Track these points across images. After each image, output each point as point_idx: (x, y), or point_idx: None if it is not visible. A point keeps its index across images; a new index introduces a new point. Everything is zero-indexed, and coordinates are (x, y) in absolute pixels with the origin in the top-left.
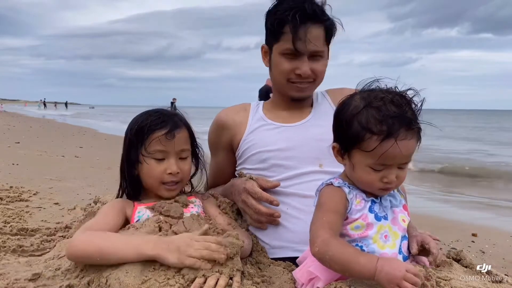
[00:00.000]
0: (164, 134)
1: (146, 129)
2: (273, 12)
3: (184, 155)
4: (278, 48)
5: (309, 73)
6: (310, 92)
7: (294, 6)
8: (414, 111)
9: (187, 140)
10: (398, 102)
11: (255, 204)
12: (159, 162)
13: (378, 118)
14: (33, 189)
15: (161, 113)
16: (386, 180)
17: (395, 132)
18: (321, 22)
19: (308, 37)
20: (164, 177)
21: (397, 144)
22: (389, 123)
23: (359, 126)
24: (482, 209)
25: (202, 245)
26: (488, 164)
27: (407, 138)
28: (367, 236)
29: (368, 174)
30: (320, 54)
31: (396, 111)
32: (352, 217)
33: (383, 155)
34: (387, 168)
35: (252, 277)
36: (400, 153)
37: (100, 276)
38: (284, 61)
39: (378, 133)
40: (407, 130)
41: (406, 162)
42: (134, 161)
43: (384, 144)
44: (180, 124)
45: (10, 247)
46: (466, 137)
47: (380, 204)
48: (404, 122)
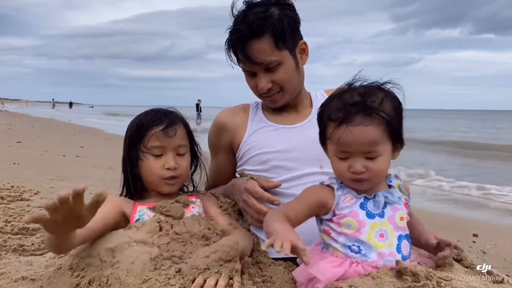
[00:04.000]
0: (161, 130)
1: (144, 127)
2: (227, 39)
3: (182, 151)
4: (242, 68)
5: (268, 86)
6: (284, 100)
7: (234, 30)
8: (384, 101)
9: (184, 137)
10: (363, 92)
11: (256, 204)
12: (157, 158)
13: (339, 107)
14: (34, 188)
15: (158, 111)
16: (352, 169)
17: (349, 118)
18: (261, 34)
19: (252, 54)
20: (162, 172)
21: (348, 129)
22: (346, 110)
23: (325, 116)
24: (483, 209)
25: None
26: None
27: (362, 124)
28: (361, 235)
29: (337, 163)
30: (274, 64)
31: (357, 99)
32: (340, 212)
33: (339, 141)
34: (351, 157)
35: (253, 277)
36: (354, 139)
37: (101, 276)
38: (249, 79)
39: (335, 119)
40: (364, 116)
41: (369, 150)
42: (135, 159)
43: (338, 130)
44: (176, 120)
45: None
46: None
47: (374, 201)
48: (361, 108)
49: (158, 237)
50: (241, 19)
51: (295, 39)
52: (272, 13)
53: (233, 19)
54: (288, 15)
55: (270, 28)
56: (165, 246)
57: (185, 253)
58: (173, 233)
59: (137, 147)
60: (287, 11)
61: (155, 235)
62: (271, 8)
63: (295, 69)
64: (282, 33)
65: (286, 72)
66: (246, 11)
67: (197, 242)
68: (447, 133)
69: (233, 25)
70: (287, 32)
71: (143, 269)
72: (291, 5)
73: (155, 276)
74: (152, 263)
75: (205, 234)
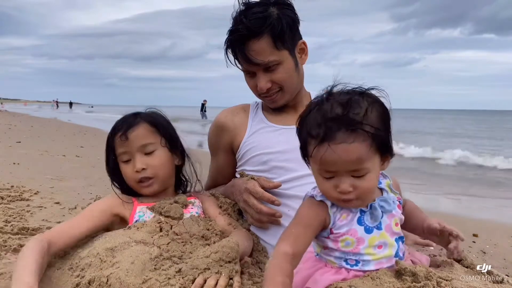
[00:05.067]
0: (119, 136)
1: (110, 135)
2: (226, 40)
3: (148, 150)
4: (242, 69)
5: (267, 86)
6: (284, 100)
7: (232, 30)
8: (368, 111)
9: (149, 134)
10: (344, 103)
11: (256, 204)
12: (127, 164)
13: (318, 122)
14: (34, 188)
15: (123, 117)
16: (339, 189)
17: (330, 135)
18: (260, 34)
19: (251, 54)
20: (135, 176)
21: (331, 148)
22: (327, 125)
23: (305, 130)
24: (483, 209)
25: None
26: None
27: (346, 141)
28: (359, 250)
29: (321, 183)
30: (273, 64)
31: (338, 112)
32: (338, 231)
33: (321, 160)
34: (337, 176)
35: (253, 277)
36: (339, 158)
37: (101, 276)
38: (248, 79)
39: (315, 136)
40: (347, 132)
41: (356, 169)
42: (115, 167)
43: (320, 148)
44: (136, 121)
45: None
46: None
47: (371, 213)
48: (343, 124)
49: (158, 237)
50: (240, 20)
51: (294, 38)
52: (271, 13)
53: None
54: (287, 15)
55: (269, 27)
56: (165, 246)
57: (185, 253)
58: (172, 234)
59: (113, 156)
60: (286, 11)
61: (155, 235)
62: (270, 8)
63: (295, 68)
64: (281, 32)
65: (285, 72)
66: (244, 11)
67: (197, 242)
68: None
69: (232, 25)
70: (286, 32)
71: (143, 269)
72: (290, 5)
73: (155, 276)
74: (152, 263)
75: (204, 235)
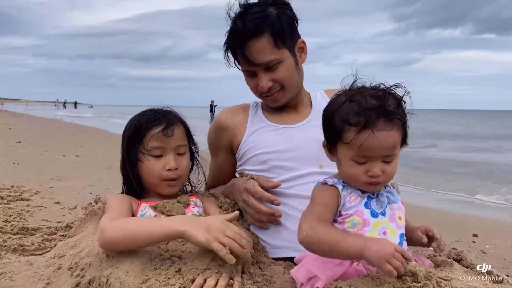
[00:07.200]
0: (160, 130)
1: (143, 128)
2: (226, 40)
3: (182, 151)
4: (242, 69)
5: (269, 85)
6: (285, 98)
7: (232, 30)
8: (399, 104)
9: (184, 136)
10: (378, 96)
11: (256, 204)
12: (157, 159)
13: (357, 111)
14: (34, 188)
15: (156, 111)
16: (371, 173)
17: (372, 123)
18: (260, 33)
19: (251, 54)
20: (163, 173)
21: (374, 135)
22: (366, 114)
23: (339, 119)
24: (483, 209)
25: (234, 236)
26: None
27: (385, 129)
28: (365, 233)
29: (352, 168)
30: (273, 63)
31: (375, 103)
32: (346, 212)
33: (361, 146)
34: (370, 161)
35: (253, 277)
36: (379, 144)
37: (101, 276)
38: (248, 80)
39: (355, 124)
40: (386, 121)
41: (389, 154)
42: (134, 160)
43: (361, 134)
44: (175, 120)
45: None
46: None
47: (377, 200)
48: (382, 113)
49: None
50: (239, 20)
51: (294, 37)
52: (270, 12)
53: (230, 21)
54: (286, 14)
55: (269, 26)
56: (165, 246)
57: (185, 253)
58: None
59: (136, 148)
60: (284, 10)
61: None
62: (268, 8)
63: (295, 67)
64: (281, 31)
65: (286, 70)
66: (243, 11)
67: None
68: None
69: (231, 26)
70: (286, 30)
71: (143, 269)
72: (288, 4)
73: (155, 276)
74: (152, 263)
75: None
